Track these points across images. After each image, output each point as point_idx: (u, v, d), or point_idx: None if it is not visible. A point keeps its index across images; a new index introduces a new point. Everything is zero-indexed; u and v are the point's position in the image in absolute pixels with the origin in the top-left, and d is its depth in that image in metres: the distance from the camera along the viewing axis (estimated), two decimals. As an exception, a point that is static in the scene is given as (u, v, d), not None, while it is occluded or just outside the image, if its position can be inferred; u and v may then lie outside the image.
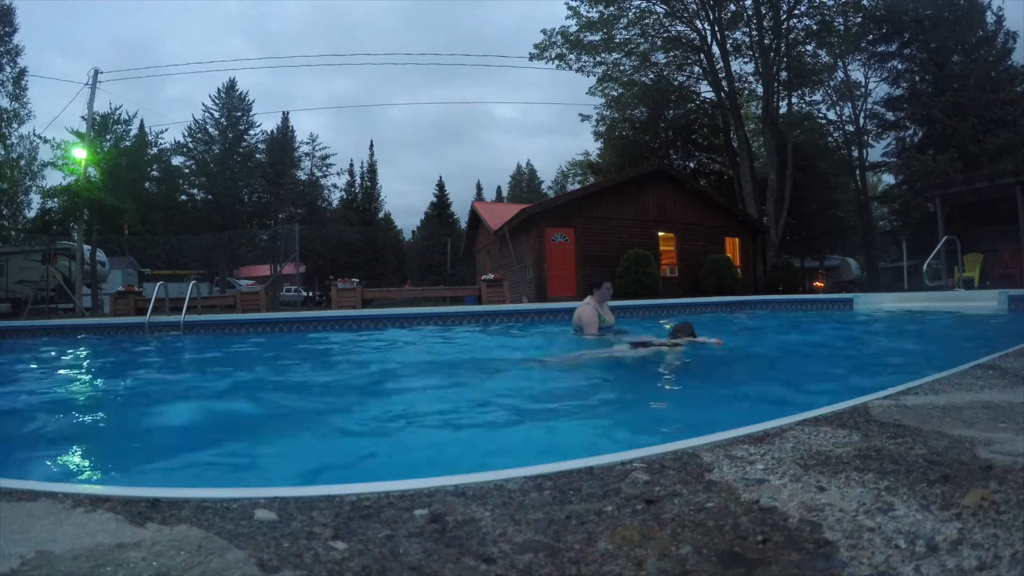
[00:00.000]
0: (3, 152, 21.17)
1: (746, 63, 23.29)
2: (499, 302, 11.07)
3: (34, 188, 22.23)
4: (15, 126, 21.48)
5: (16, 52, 21.33)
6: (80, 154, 15.95)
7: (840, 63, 24.27)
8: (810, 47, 22.07)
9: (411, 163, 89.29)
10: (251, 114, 36.64)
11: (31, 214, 23.37)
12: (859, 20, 22.24)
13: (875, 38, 23.76)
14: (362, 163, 44.04)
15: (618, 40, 22.11)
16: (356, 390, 3.54)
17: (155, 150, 27.20)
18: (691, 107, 26.33)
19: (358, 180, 43.21)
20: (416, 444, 2.15)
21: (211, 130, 35.93)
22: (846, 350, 5.00)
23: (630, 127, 27.10)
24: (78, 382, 4.22)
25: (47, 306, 13.66)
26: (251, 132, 36.76)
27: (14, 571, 0.70)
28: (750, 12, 21.43)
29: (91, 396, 3.63)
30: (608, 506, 0.89)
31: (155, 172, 28.07)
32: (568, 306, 7.14)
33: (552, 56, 22.31)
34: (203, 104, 38.55)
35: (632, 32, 22.20)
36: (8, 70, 21.17)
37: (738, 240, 18.12)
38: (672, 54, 23.47)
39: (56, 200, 17.68)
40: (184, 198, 34.54)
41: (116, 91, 58.44)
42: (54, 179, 19.62)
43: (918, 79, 23.78)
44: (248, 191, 36.02)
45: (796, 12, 20.86)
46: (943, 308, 7.18)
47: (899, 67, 24.49)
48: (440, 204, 44.88)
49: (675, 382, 3.48)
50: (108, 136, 17.75)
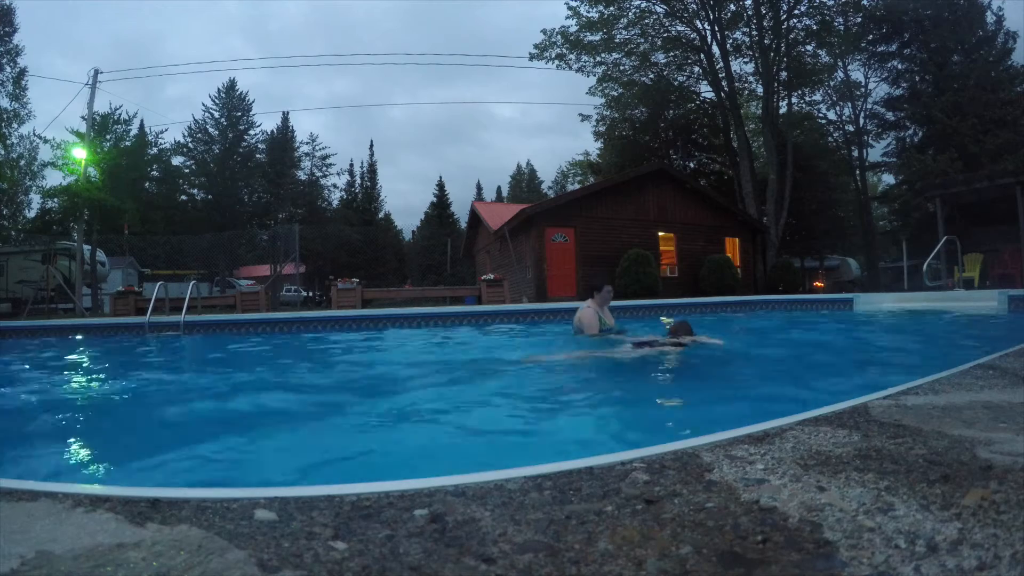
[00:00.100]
0: (3, 152, 21.18)
1: (746, 63, 23.34)
2: (499, 302, 11.07)
3: (34, 188, 22.29)
4: (15, 126, 21.52)
5: (16, 52, 21.36)
6: (80, 154, 15.97)
7: (840, 63, 24.27)
8: (810, 47, 22.09)
9: (411, 163, 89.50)
10: (251, 114, 36.75)
11: (31, 214, 23.44)
12: (859, 20, 22.24)
13: (875, 38, 23.75)
14: (362, 163, 44.17)
15: (618, 40, 22.12)
16: (356, 390, 3.55)
17: (155, 150, 27.26)
18: (691, 107, 26.32)
19: (358, 180, 43.26)
20: (416, 444, 2.15)
21: (211, 130, 35.96)
22: (846, 350, 4.99)
23: (630, 127, 27.09)
24: (78, 382, 4.21)
25: (47, 306, 13.66)
26: (251, 132, 36.84)
27: (14, 571, 0.70)
28: (750, 12, 21.43)
29: (91, 396, 3.63)
30: (608, 506, 0.89)
31: (155, 172, 28.10)
32: (568, 306, 7.14)
33: (552, 56, 22.33)
34: (203, 104, 38.69)
35: (632, 32, 22.22)
36: (8, 70, 21.21)
37: (738, 240, 18.12)
38: (672, 54, 23.47)
39: (56, 200, 17.71)
40: (184, 198, 34.56)
41: (116, 91, 58.52)
42: (54, 179, 19.64)
43: (918, 79, 23.78)
44: (248, 191, 36.03)
45: (796, 12, 20.87)
46: (943, 308, 7.18)
47: (899, 67, 24.50)
48: (440, 204, 44.90)
49: (675, 382, 3.47)
50: (108, 136, 17.78)
